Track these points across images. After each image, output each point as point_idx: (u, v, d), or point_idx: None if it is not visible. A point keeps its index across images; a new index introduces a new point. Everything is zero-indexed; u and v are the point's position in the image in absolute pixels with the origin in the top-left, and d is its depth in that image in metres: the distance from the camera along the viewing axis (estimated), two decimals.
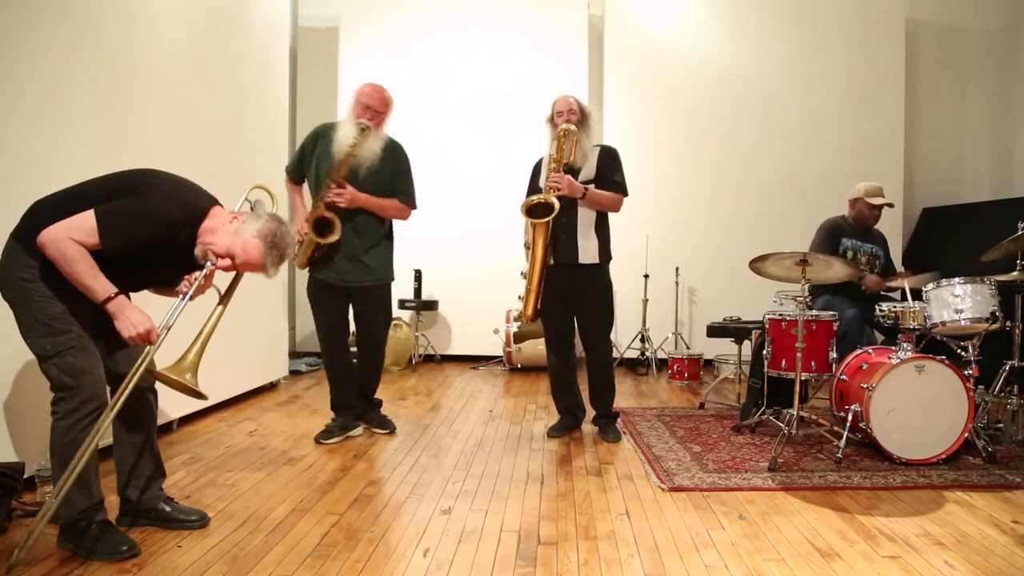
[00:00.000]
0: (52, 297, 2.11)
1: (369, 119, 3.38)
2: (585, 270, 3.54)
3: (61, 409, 2.12)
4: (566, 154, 3.47)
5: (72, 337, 2.12)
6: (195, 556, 2.20)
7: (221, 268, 2.26)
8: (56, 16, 2.83)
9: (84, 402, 2.12)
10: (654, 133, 6.06)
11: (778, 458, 3.14)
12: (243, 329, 4.37)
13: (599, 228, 3.57)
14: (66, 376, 2.11)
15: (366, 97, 3.44)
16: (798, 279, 3.35)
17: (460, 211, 6.20)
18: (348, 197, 3.35)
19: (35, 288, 2.10)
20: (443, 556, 2.23)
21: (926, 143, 6.37)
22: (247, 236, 2.24)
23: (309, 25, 6.51)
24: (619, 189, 3.57)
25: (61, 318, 2.12)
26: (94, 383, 2.15)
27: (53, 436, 2.14)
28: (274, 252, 2.28)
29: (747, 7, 6.08)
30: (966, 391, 3.16)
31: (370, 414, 3.77)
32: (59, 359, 2.10)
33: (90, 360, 2.16)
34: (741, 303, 5.40)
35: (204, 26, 4.03)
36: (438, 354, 6.24)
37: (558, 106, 3.58)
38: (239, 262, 2.26)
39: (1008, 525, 2.52)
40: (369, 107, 3.42)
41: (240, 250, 2.24)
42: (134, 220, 2.12)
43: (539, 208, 3.40)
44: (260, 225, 2.27)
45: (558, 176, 3.40)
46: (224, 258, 2.24)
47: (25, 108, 2.69)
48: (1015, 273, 3.42)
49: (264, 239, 2.25)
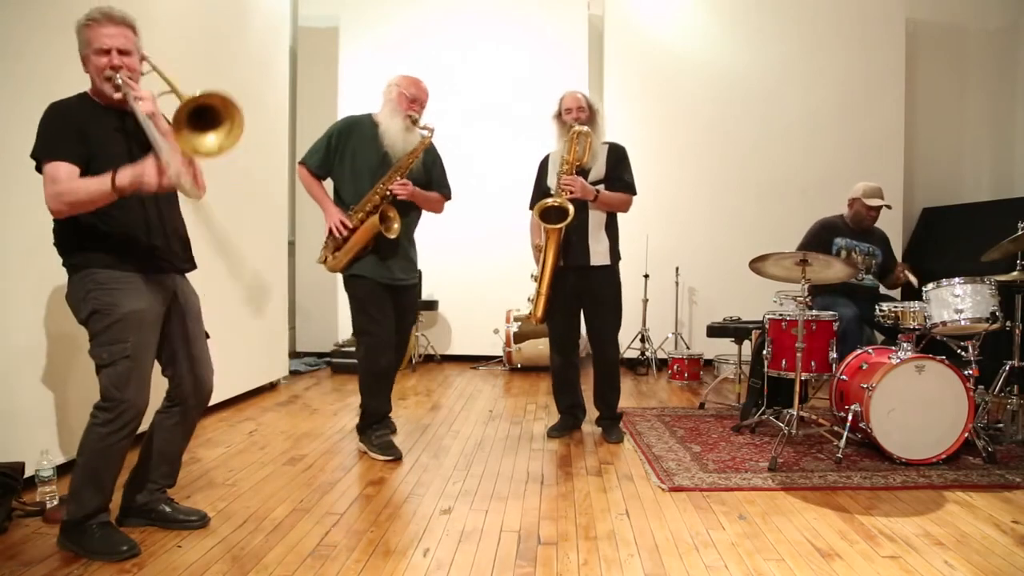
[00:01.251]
0: (112, 304, 2.14)
1: (416, 111, 3.30)
2: (596, 272, 3.53)
3: (101, 417, 2.14)
4: (578, 155, 3.42)
5: (128, 346, 2.14)
6: (195, 556, 2.20)
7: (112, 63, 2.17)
8: (57, 18, 2.82)
9: (124, 414, 2.15)
10: (654, 133, 6.05)
11: (778, 458, 3.14)
12: (243, 329, 4.37)
13: (609, 228, 3.57)
14: (114, 388, 2.13)
15: (414, 89, 3.33)
16: (798, 279, 3.34)
17: (460, 211, 6.14)
18: (410, 189, 3.25)
19: (96, 299, 2.14)
20: (443, 556, 2.23)
21: (926, 143, 6.37)
22: (80, 41, 2.19)
23: (309, 25, 6.51)
24: (629, 189, 3.56)
25: (120, 325, 2.14)
26: (138, 398, 2.18)
27: (87, 438, 2.16)
28: (99, 13, 2.18)
29: (747, 7, 6.07)
30: (966, 391, 3.16)
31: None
32: (112, 368, 2.13)
33: (140, 373, 2.18)
34: (741, 303, 5.40)
35: (204, 26, 4.03)
36: (438, 354, 6.24)
37: (566, 102, 3.53)
38: (105, 46, 2.16)
39: (1008, 525, 2.52)
40: (417, 100, 3.32)
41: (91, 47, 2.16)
42: (45, 128, 2.13)
43: (553, 212, 3.36)
44: (77, 37, 2.20)
45: (571, 179, 3.37)
46: (101, 55, 2.16)
47: (26, 109, 2.68)
48: (1015, 273, 3.42)
49: (90, 22, 2.18)
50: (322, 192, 3.39)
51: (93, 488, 2.18)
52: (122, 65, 2.18)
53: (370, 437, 3.36)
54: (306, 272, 6.32)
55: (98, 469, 2.17)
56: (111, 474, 2.22)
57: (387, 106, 3.30)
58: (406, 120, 3.23)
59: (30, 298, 2.76)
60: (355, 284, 3.33)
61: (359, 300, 3.32)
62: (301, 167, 3.39)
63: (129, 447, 2.23)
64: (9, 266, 2.67)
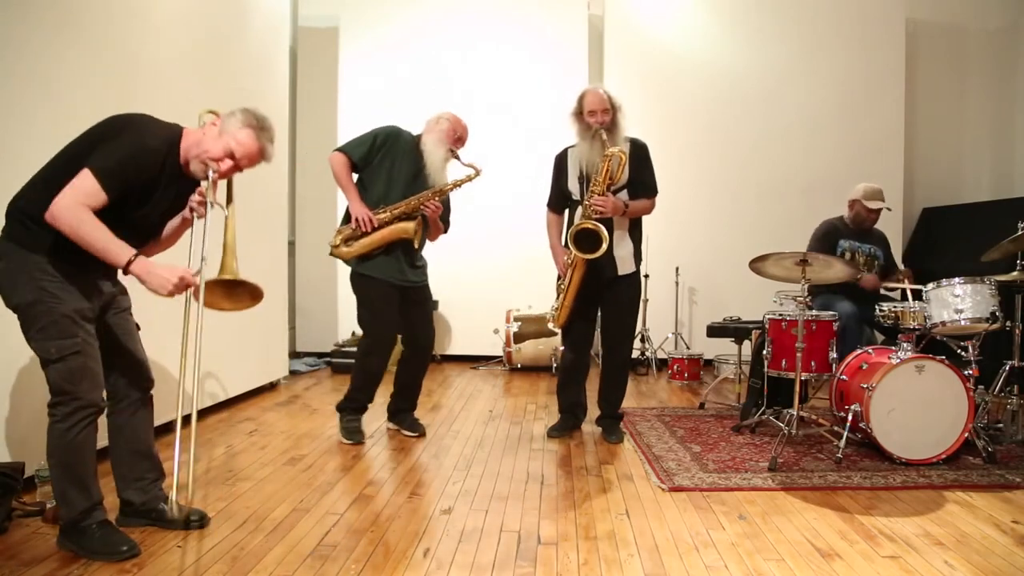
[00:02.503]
0: (59, 298, 2.09)
1: (458, 148, 3.58)
2: (622, 280, 3.51)
3: (58, 413, 2.12)
4: (611, 175, 3.34)
5: (78, 341, 2.10)
6: (195, 556, 2.20)
7: (224, 171, 2.25)
8: (57, 17, 2.83)
9: (80, 408, 2.12)
10: (654, 133, 5.96)
11: (778, 458, 3.14)
12: (243, 329, 4.36)
13: (632, 232, 3.55)
14: (66, 382, 2.10)
15: (461, 130, 3.61)
16: (798, 279, 3.34)
17: (460, 211, 6.17)
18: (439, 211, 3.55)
19: (43, 288, 2.07)
20: (443, 556, 2.23)
21: (926, 143, 6.37)
22: (234, 130, 2.24)
23: (309, 25, 6.50)
24: (651, 191, 3.55)
25: (68, 320, 2.09)
26: (92, 389, 2.15)
27: (51, 439, 2.14)
28: (265, 133, 2.29)
29: (747, 7, 6.07)
30: (966, 391, 3.16)
31: (403, 415, 3.75)
32: (62, 364, 2.09)
33: (92, 365, 2.15)
34: (741, 303, 5.40)
35: (204, 26, 4.03)
36: (438, 354, 6.23)
37: (590, 103, 3.38)
38: (239, 155, 2.25)
39: (1008, 525, 2.52)
40: (461, 140, 3.61)
41: (235, 144, 2.24)
42: (124, 157, 2.10)
43: (587, 236, 3.28)
44: (240, 117, 2.27)
45: (603, 200, 3.30)
46: (223, 160, 2.24)
47: (26, 109, 2.69)
48: (1015, 273, 3.42)
49: (251, 125, 2.26)
50: (352, 183, 3.51)
51: (75, 487, 2.15)
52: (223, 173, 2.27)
53: (343, 419, 3.61)
54: (306, 272, 6.32)
55: (71, 465, 2.14)
56: (87, 468, 2.17)
57: (435, 134, 3.53)
58: (448, 153, 3.52)
59: None
60: (366, 284, 3.49)
61: (369, 300, 3.51)
62: (341, 155, 3.47)
63: (95, 438, 2.17)
64: None
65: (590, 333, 3.69)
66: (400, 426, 3.74)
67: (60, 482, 2.16)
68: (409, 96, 5.94)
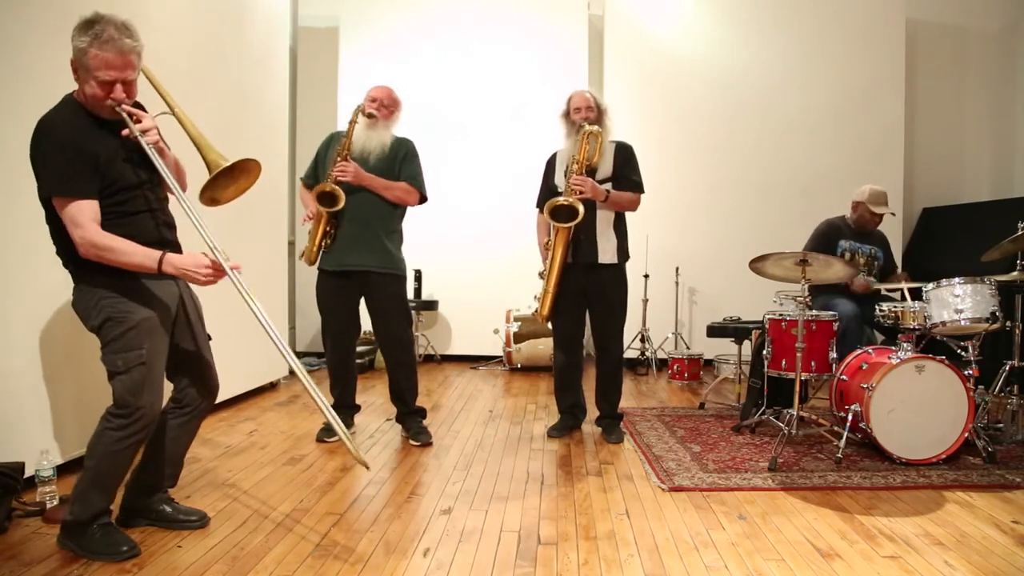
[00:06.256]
0: (123, 313, 2.14)
1: (375, 109, 3.42)
2: (604, 270, 3.53)
3: (116, 423, 2.14)
4: (589, 155, 3.42)
5: (143, 353, 2.15)
6: (195, 556, 2.20)
7: (120, 98, 2.10)
8: (56, 18, 2.82)
9: (139, 420, 2.15)
10: (654, 133, 6.05)
11: (778, 458, 3.14)
12: (243, 329, 4.35)
13: (617, 227, 3.56)
14: (129, 394, 2.13)
15: (374, 90, 3.51)
16: (798, 279, 3.34)
17: (460, 211, 6.20)
18: (352, 171, 3.32)
19: (108, 307, 2.14)
20: (443, 556, 2.23)
21: (926, 143, 6.37)
22: (87, 63, 2.04)
23: (309, 25, 6.51)
24: (637, 188, 3.56)
25: (133, 332, 2.14)
26: (153, 404, 2.18)
27: (98, 442, 2.16)
28: (102, 36, 2.03)
29: (747, 8, 6.07)
30: (966, 391, 3.16)
31: (409, 421, 3.63)
32: (127, 375, 2.13)
33: (154, 379, 2.19)
34: (741, 303, 5.40)
35: (204, 26, 4.03)
36: (438, 354, 6.24)
37: (575, 102, 3.53)
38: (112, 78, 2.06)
39: (1008, 525, 2.52)
40: (376, 99, 3.47)
41: (98, 74, 2.04)
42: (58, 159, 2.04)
43: (563, 211, 3.36)
44: (75, 44, 2.05)
45: (581, 179, 3.37)
46: (110, 93, 2.08)
47: (26, 109, 2.68)
48: (1015, 273, 3.42)
49: (89, 44, 2.03)
50: (310, 197, 3.51)
51: (100, 491, 2.18)
52: (125, 99, 2.12)
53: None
54: (306, 272, 6.27)
55: (107, 473, 2.18)
56: (119, 478, 2.23)
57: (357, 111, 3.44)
58: (358, 116, 3.37)
59: (30, 297, 2.76)
60: (318, 278, 3.60)
61: (318, 293, 3.61)
62: (301, 184, 3.66)
63: (138, 451, 2.24)
64: (9, 265, 2.66)
65: (579, 334, 3.69)
66: (406, 432, 3.64)
67: (88, 483, 2.17)
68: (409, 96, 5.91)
